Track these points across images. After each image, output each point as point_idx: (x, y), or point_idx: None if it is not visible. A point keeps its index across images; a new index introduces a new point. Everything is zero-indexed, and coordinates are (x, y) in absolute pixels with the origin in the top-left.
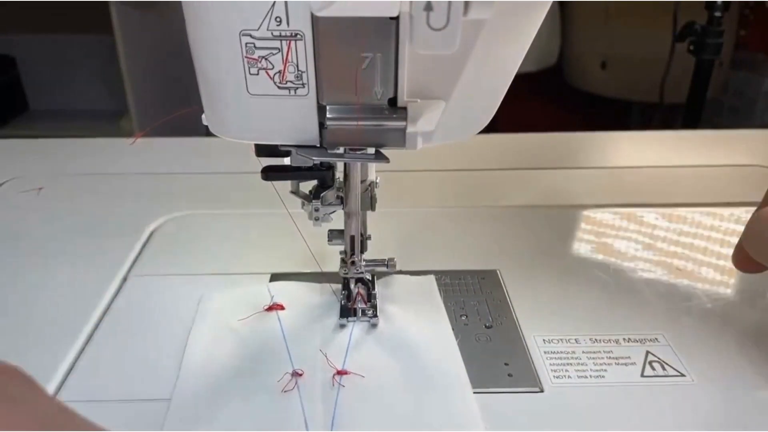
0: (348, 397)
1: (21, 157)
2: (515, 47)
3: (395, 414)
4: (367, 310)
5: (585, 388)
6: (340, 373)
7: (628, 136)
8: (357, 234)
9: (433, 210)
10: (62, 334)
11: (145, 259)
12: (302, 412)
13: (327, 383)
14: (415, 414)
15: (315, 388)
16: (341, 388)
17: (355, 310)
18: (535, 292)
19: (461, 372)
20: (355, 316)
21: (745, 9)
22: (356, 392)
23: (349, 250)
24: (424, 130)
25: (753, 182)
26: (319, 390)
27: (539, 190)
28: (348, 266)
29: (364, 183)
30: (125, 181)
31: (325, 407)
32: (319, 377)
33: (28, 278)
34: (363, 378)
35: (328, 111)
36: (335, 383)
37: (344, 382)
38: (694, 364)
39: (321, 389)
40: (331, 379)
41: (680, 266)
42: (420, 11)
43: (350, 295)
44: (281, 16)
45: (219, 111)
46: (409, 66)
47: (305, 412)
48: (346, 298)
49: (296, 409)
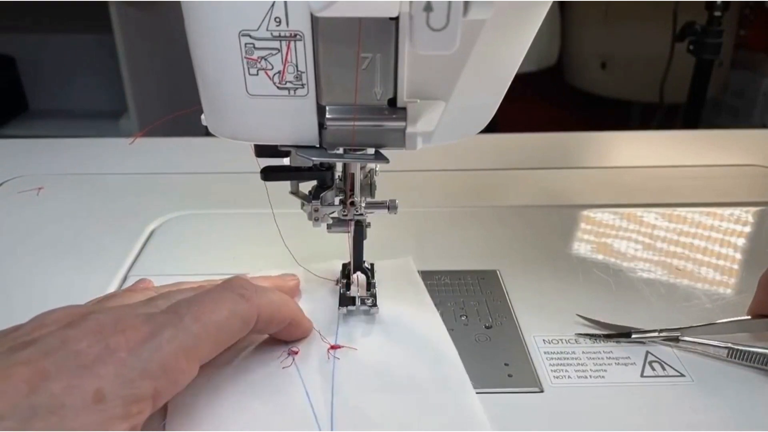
0: (344, 366)
1: (21, 157)
2: (515, 47)
3: (392, 376)
4: (366, 299)
5: (585, 388)
6: (333, 347)
7: (628, 136)
8: (357, 174)
9: (433, 210)
10: None
11: (145, 259)
12: (302, 383)
13: (322, 357)
14: (409, 377)
15: (312, 362)
16: (336, 360)
17: (355, 299)
18: (535, 292)
19: (449, 343)
20: (354, 304)
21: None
22: (351, 363)
23: (348, 190)
24: (424, 131)
25: (753, 182)
26: (315, 363)
27: (539, 190)
28: (347, 207)
29: (363, 170)
30: (125, 181)
31: (323, 377)
32: (314, 353)
33: (28, 278)
34: (356, 350)
35: (328, 111)
36: (330, 356)
37: (338, 354)
38: (694, 364)
39: (318, 363)
40: (326, 353)
41: (680, 266)
42: (420, 11)
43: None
44: (281, 17)
45: (218, 111)
46: (408, 66)
47: (305, 384)
48: (345, 286)
49: (296, 381)
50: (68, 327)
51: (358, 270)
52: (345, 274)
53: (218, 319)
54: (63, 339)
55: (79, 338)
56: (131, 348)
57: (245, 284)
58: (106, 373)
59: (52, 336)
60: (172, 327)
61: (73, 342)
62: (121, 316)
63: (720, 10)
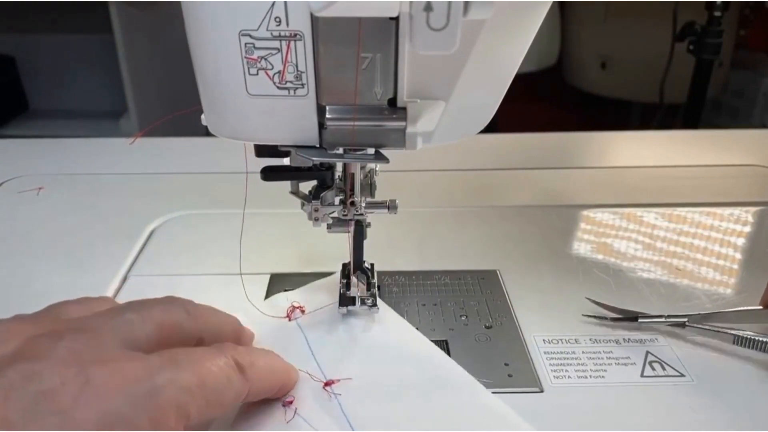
0: (349, 399)
1: (21, 157)
2: (515, 47)
3: (399, 386)
4: (366, 299)
5: (585, 388)
6: (327, 384)
7: (627, 136)
8: (357, 174)
9: (433, 210)
10: None
11: (145, 259)
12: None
13: (321, 398)
14: (415, 384)
15: (313, 405)
16: (338, 396)
17: (355, 299)
18: (535, 292)
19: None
20: (354, 304)
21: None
22: (353, 392)
23: (348, 190)
24: (424, 131)
25: (753, 182)
26: (317, 406)
27: (539, 190)
28: (347, 207)
29: (363, 170)
30: (125, 181)
31: (333, 417)
32: (310, 395)
33: (28, 278)
34: (351, 380)
35: (328, 111)
36: (330, 395)
37: (336, 390)
38: (694, 364)
39: (320, 405)
40: (323, 392)
41: (680, 266)
42: (420, 11)
43: (350, 284)
44: (281, 17)
45: (218, 111)
46: (408, 66)
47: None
48: (345, 286)
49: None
50: (34, 356)
51: (358, 270)
52: (345, 274)
53: (216, 381)
54: (27, 374)
55: (51, 372)
56: (117, 386)
57: (241, 351)
58: (86, 418)
59: (13, 368)
60: (167, 372)
61: (43, 378)
62: (100, 341)
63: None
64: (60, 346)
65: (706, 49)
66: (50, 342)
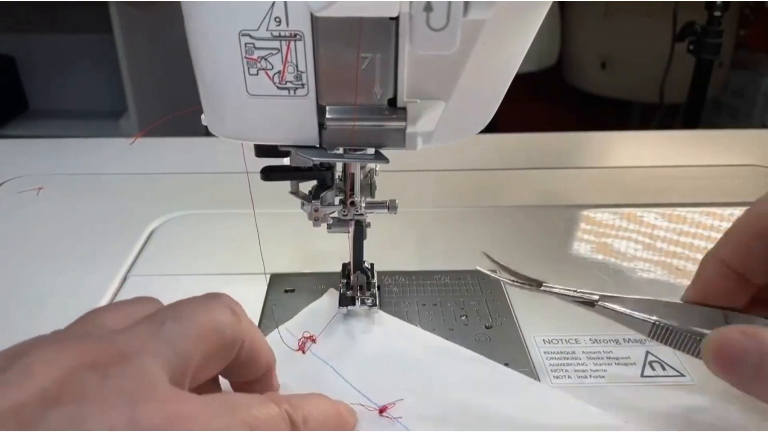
0: (412, 419)
1: (21, 157)
2: (515, 47)
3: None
4: (366, 299)
5: (585, 388)
6: (382, 410)
7: (627, 136)
8: (357, 174)
9: (433, 210)
10: None
11: (145, 259)
12: None
13: (384, 425)
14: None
15: None
16: (399, 419)
17: (354, 299)
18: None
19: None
20: (354, 304)
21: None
22: (410, 410)
23: (348, 190)
24: (424, 131)
25: (752, 182)
26: None
27: (539, 190)
28: (347, 207)
29: (363, 170)
30: (125, 181)
31: None
32: (372, 426)
33: (28, 278)
34: (403, 400)
35: (328, 111)
36: (391, 420)
37: (393, 414)
38: (694, 364)
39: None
40: (381, 418)
41: (680, 266)
42: (420, 11)
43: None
44: (281, 17)
45: (218, 111)
46: (408, 66)
47: None
48: (345, 286)
49: None
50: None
51: (358, 270)
52: (345, 274)
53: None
54: (74, 418)
55: (98, 416)
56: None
57: (294, 402)
58: None
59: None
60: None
61: (88, 421)
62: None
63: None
64: (106, 385)
65: (706, 49)
66: (95, 378)
